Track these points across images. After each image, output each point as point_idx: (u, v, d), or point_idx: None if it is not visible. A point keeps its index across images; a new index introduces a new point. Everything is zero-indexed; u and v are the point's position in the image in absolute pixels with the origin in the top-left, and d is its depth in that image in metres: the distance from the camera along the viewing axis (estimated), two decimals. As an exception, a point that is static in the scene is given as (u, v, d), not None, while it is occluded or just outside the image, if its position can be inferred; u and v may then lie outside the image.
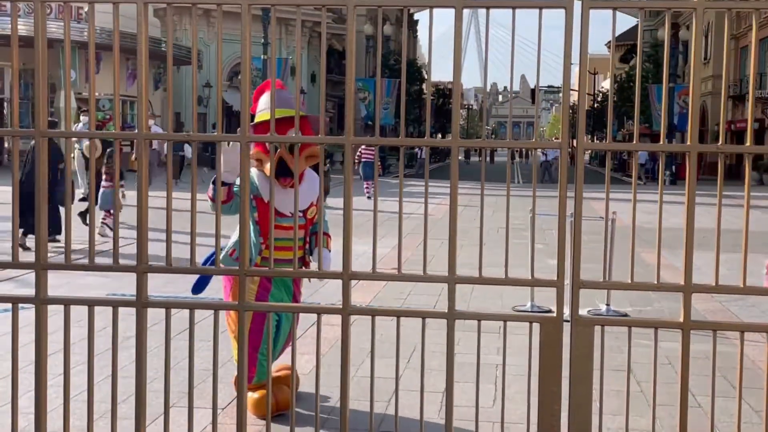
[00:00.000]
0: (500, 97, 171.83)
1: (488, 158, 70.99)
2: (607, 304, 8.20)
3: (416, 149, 40.08)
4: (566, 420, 3.46)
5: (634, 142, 3.44)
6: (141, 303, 3.54)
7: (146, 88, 3.57)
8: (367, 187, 23.35)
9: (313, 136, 4.05)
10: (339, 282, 3.48)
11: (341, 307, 3.54)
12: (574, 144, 3.57)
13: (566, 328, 3.42)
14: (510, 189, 3.59)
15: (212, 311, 3.66)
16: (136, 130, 3.52)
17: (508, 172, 3.57)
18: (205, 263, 4.52)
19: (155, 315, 4.12)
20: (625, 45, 62.25)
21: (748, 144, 3.38)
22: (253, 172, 4.91)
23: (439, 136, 68.11)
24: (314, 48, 49.55)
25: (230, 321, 4.91)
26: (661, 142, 3.43)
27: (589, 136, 64.20)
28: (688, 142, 3.32)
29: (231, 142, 4.28)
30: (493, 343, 5.97)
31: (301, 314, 5.32)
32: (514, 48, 3.56)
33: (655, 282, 3.42)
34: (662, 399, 4.72)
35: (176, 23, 42.65)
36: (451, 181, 3.49)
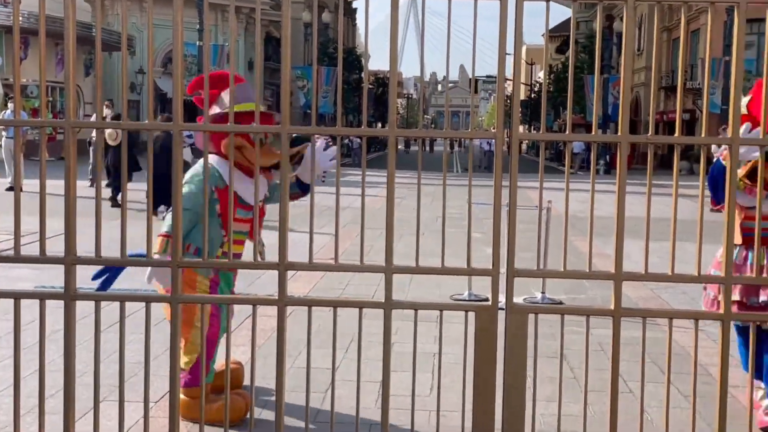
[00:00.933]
0: (439, 87, 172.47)
1: (428, 148, 71.23)
2: (543, 293, 8.30)
3: (353, 139, 40.03)
4: (501, 407, 3.49)
5: (567, 132, 3.47)
6: (69, 296, 3.46)
7: (74, 74, 3.48)
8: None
9: (246, 125, 3.99)
10: (276, 273, 3.45)
11: (277, 297, 3.50)
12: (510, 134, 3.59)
13: (502, 316, 3.44)
14: (448, 178, 3.60)
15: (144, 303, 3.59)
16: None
17: (444, 162, 3.57)
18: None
19: (87, 308, 4.03)
20: (561, 36, 63.07)
21: (677, 135, 3.44)
22: (216, 162, 4.60)
23: (379, 125, 68.20)
24: (251, 35, 49.09)
25: (191, 315, 4.73)
26: (593, 133, 3.47)
27: (527, 126, 64.96)
28: (619, 132, 3.36)
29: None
30: (432, 332, 5.98)
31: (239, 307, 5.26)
32: (450, 37, 3.55)
33: (587, 270, 3.47)
34: (595, 385, 4.81)
35: (108, 8, 41.82)
36: (388, 170, 3.48)
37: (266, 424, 4.51)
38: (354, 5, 65.45)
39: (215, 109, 4.58)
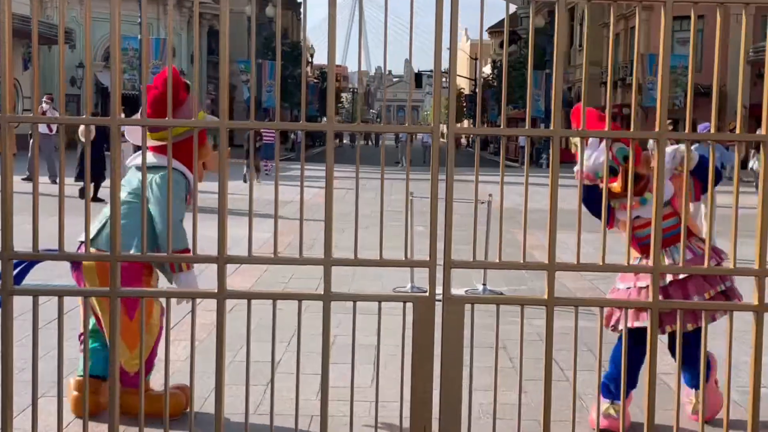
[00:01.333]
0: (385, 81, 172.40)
1: (373, 142, 71.38)
2: (484, 284, 8.42)
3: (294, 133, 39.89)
4: (438, 396, 3.56)
5: (502, 126, 3.55)
6: (7, 291, 3.44)
7: (11, 67, 3.46)
8: (266, 167, 24.06)
9: (186, 119, 4.00)
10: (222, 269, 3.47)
11: (216, 291, 3.53)
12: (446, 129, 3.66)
13: (441, 307, 3.51)
14: (394, 172, 3.65)
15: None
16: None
17: (382, 156, 3.62)
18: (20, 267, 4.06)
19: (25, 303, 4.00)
20: (502, 31, 63.61)
21: (606, 129, 3.55)
22: (158, 160, 4.49)
23: (324, 119, 68.06)
24: (193, 28, 48.51)
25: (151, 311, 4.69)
26: (527, 127, 3.56)
27: (471, 121, 65.41)
28: (551, 127, 3.45)
29: None
30: (373, 324, 6.04)
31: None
32: (388, 31, 3.61)
33: (522, 261, 3.56)
34: (533, 374, 4.91)
35: (46, 0, 41.03)
36: (326, 165, 3.53)
37: (207, 418, 4.53)
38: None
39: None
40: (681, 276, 4.29)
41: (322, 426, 3.55)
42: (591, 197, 4.20)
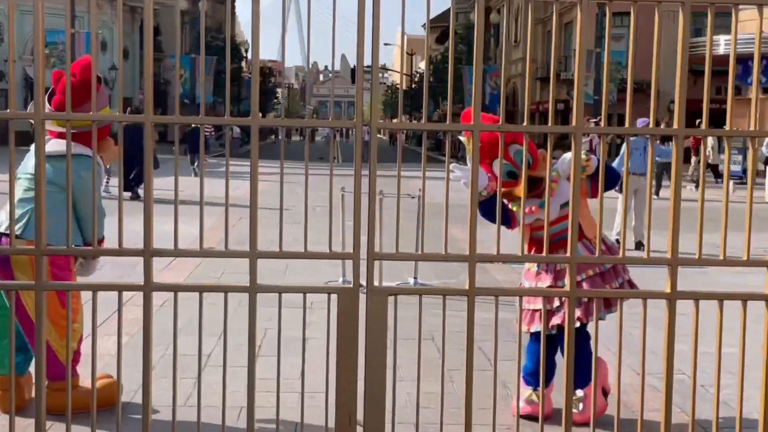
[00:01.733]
0: (321, 77, 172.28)
1: (308, 137, 71.44)
2: (414, 278, 8.53)
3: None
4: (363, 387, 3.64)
5: (423, 122, 3.64)
6: (-73, 287, 3.41)
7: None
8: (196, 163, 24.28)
9: (108, 115, 4.00)
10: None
11: (142, 284, 3.55)
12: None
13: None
14: (325, 168, 3.71)
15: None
16: None
17: (306, 151, 3.68)
18: None
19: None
20: (440, 27, 63.98)
21: (550, 124, 3.66)
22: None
23: (259, 115, 67.60)
24: (126, 22, 47.87)
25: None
26: (448, 122, 3.65)
27: (407, 116, 65.70)
28: (472, 122, 3.55)
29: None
30: (302, 317, 6.10)
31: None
32: (311, 24, 3.66)
33: (443, 252, 3.65)
34: (459, 364, 5.02)
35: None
36: (251, 159, 3.57)
37: (136, 411, 4.53)
38: (234, -6, 64.71)
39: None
40: (580, 277, 4.40)
41: (249, 417, 3.60)
42: (487, 211, 4.32)
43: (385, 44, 74.30)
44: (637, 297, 3.76)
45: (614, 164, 11.22)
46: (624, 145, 4.47)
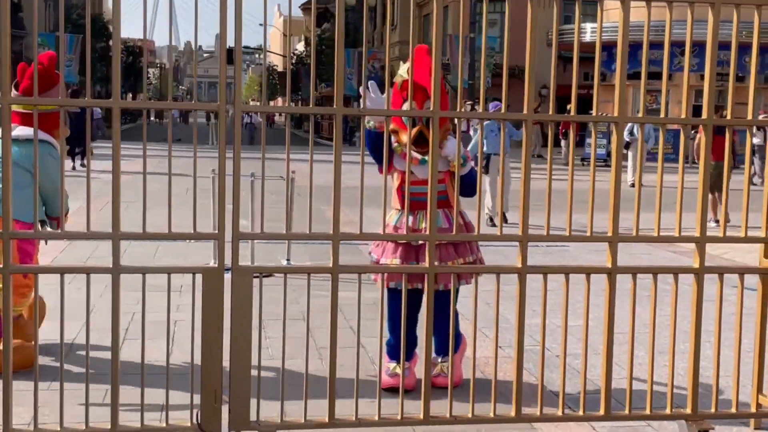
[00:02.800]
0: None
1: (183, 119, 70.11)
2: (288, 260, 8.59)
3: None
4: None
5: (287, 104, 3.71)
6: None
7: None
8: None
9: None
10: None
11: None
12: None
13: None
14: (204, 150, 3.74)
15: None
16: None
17: (169, 133, 3.69)
18: None
19: None
20: (318, 8, 63.73)
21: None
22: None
23: (130, 96, 65.87)
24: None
25: None
26: (311, 106, 3.74)
27: (284, 98, 65.27)
28: (335, 105, 3.65)
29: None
30: (173, 300, 6.11)
31: None
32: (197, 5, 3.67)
33: (307, 231, 3.75)
34: (328, 342, 5.15)
35: None
36: (113, 142, 3.56)
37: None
38: (103, -31, 62.56)
39: None
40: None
41: (113, 397, 3.62)
42: (373, 147, 4.50)
43: (260, 24, 73.42)
44: (491, 272, 3.96)
45: (469, 147, 11.71)
46: (479, 129, 4.69)
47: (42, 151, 4.70)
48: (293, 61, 72.21)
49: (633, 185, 16.56)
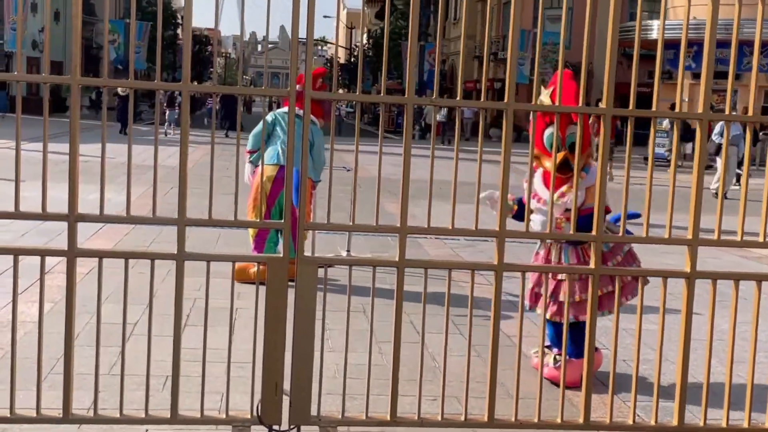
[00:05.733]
0: (259, 47, 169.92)
1: (246, 109, 71.09)
2: (348, 251, 8.52)
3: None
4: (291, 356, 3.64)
5: (358, 93, 3.62)
6: None
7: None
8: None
9: (34, 75, 3.89)
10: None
11: (66, 249, 3.48)
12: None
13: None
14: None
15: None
16: None
17: (238, 119, 3.64)
18: None
19: None
20: (380, 1, 63.69)
21: (482, 100, 3.68)
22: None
23: (195, 83, 66.72)
24: (55, -16, 46.52)
25: None
26: (382, 94, 3.64)
27: (346, 90, 65.42)
28: (407, 95, 3.55)
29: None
30: (236, 286, 6.08)
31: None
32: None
33: (374, 225, 3.65)
34: (390, 336, 5.07)
35: None
36: (181, 126, 3.51)
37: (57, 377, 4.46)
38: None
39: None
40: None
41: (173, 385, 3.57)
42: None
43: (324, 17, 73.62)
44: (657, 275, 3.83)
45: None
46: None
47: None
48: (354, 54, 72.34)
49: (716, 195, 16.10)
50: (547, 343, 5.22)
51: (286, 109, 7.17)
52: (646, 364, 5.00)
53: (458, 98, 3.69)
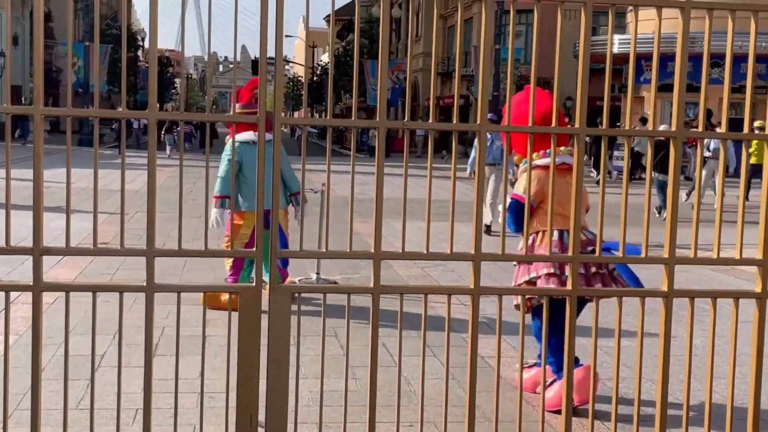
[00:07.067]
0: (221, 67, 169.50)
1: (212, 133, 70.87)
2: (317, 273, 8.44)
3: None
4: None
5: (328, 117, 3.56)
6: None
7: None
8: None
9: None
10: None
11: (32, 283, 3.37)
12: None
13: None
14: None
15: None
16: None
17: (207, 144, 3.56)
18: None
19: None
20: (341, 20, 63.84)
21: (455, 121, 3.63)
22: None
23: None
24: (16, 7, 46.09)
25: None
26: (353, 118, 3.59)
27: (309, 109, 65.38)
28: (378, 119, 3.50)
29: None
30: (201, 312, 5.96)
31: None
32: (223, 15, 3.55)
33: (348, 250, 3.59)
34: (364, 360, 4.99)
35: None
36: (149, 153, 3.43)
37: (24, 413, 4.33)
38: (131, -20, 62.99)
39: None
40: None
41: (144, 418, 3.47)
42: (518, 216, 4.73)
43: (287, 36, 73.66)
44: (634, 296, 3.80)
45: (470, 158, 12.26)
46: (476, 140, 4.65)
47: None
48: (317, 72, 72.44)
49: (688, 199, 16.24)
50: (535, 360, 5.20)
51: (242, 137, 6.60)
52: (623, 382, 4.97)
53: (431, 120, 3.65)
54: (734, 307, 3.69)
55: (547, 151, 4.57)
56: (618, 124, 25.18)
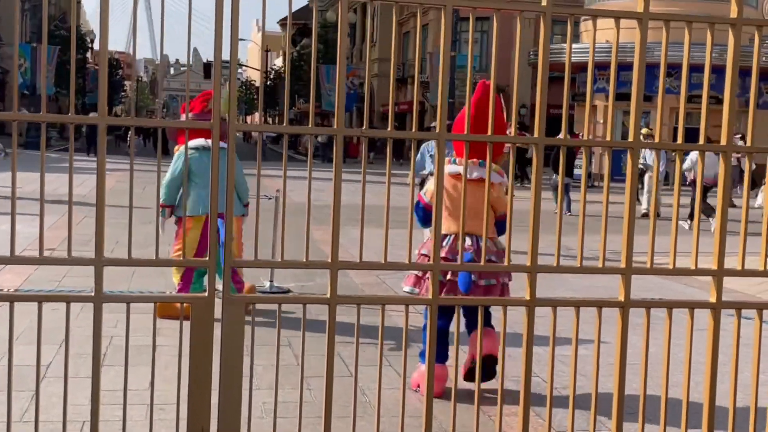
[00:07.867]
0: (172, 70, 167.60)
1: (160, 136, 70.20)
2: (271, 281, 8.34)
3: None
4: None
5: (285, 124, 3.49)
6: None
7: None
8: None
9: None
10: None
11: (-27, 293, 3.24)
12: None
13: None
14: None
15: None
16: None
17: (158, 151, 3.47)
18: None
19: None
20: (295, 24, 63.59)
21: (414, 130, 3.59)
22: None
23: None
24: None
25: None
26: (310, 125, 3.52)
27: (264, 114, 64.97)
28: (336, 126, 3.44)
29: None
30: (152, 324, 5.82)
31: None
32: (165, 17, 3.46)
33: (304, 260, 3.52)
34: (319, 371, 4.91)
35: None
36: (98, 158, 3.33)
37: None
38: (81, -19, 62.06)
39: None
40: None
41: (92, 431, 3.36)
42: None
43: (241, 39, 73.15)
44: (496, 304, 3.76)
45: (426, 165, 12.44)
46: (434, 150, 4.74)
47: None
48: (271, 76, 72.04)
49: (646, 215, 16.06)
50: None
51: (194, 143, 6.90)
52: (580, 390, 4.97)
53: (389, 128, 3.60)
54: (690, 317, 3.70)
55: (480, 161, 4.75)
56: (576, 133, 25.40)
